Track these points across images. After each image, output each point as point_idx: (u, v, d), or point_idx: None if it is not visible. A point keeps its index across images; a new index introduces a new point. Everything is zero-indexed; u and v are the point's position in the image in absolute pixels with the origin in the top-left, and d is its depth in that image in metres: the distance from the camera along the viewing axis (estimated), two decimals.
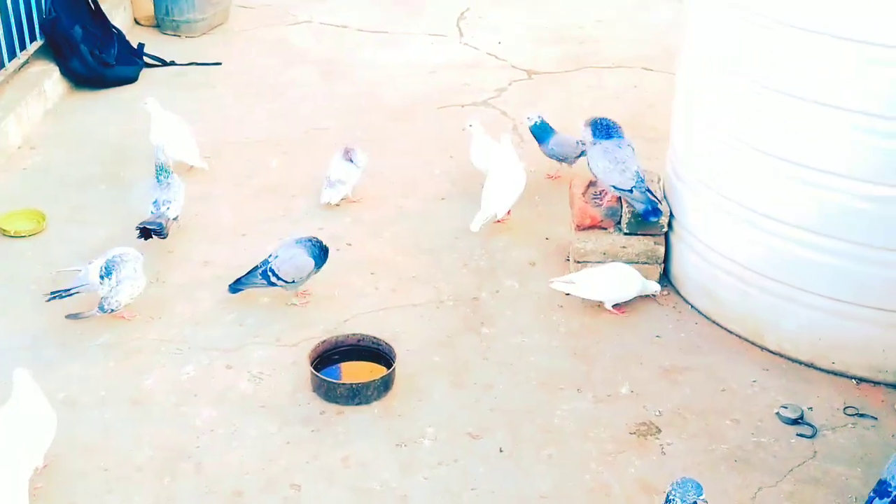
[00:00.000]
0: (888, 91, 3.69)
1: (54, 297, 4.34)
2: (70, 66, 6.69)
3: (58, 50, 6.70)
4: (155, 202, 4.93)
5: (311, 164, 5.75)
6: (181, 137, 5.49)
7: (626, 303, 4.53)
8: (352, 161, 5.29)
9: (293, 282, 4.43)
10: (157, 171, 4.99)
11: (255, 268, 4.48)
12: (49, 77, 6.54)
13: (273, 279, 4.41)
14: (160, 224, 4.82)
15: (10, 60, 6.34)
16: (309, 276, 4.46)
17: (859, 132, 3.79)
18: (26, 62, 6.55)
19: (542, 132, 5.53)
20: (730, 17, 4.08)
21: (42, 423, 3.53)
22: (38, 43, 6.72)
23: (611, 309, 4.47)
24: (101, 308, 4.28)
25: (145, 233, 4.79)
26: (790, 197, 4.04)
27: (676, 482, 3.00)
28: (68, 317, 4.34)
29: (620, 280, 4.46)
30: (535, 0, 8.90)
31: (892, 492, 3.21)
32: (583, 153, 5.31)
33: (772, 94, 3.97)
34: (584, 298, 4.48)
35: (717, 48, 4.22)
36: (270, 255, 4.47)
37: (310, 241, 4.48)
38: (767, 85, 3.98)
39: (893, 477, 3.22)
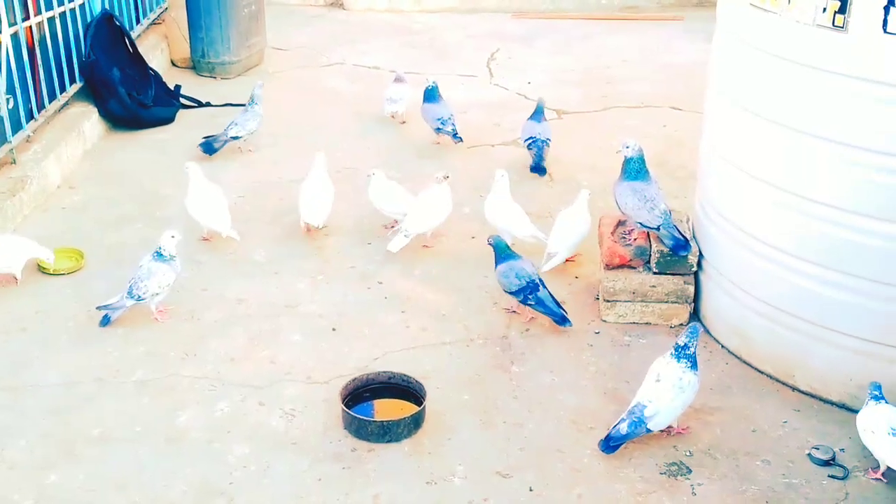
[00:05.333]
0: None
1: (102, 308, 4.66)
2: (108, 107, 6.85)
3: (96, 92, 6.87)
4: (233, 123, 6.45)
5: (343, 203, 5.83)
6: (215, 208, 5.37)
7: (654, 341, 4.55)
8: (403, 81, 7.02)
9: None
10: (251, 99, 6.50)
11: None
12: (88, 118, 6.71)
13: None
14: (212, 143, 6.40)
15: (50, 102, 6.51)
16: None
17: (884, 173, 3.80)
18: (66, 104, 6.72)
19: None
20: (754, 58, 4.12)
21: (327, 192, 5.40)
22: (78, 85, 6.89)
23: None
24: (130, 293, 4.60)
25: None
26: (815, 236, 4.05)
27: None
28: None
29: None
30: (563, 41, 9.02)
31: None
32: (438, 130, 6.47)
33: (796, 135, 3.99)
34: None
35: (741, 88, 4.26)
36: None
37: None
38: (791, 125, 4.00)
39: None
